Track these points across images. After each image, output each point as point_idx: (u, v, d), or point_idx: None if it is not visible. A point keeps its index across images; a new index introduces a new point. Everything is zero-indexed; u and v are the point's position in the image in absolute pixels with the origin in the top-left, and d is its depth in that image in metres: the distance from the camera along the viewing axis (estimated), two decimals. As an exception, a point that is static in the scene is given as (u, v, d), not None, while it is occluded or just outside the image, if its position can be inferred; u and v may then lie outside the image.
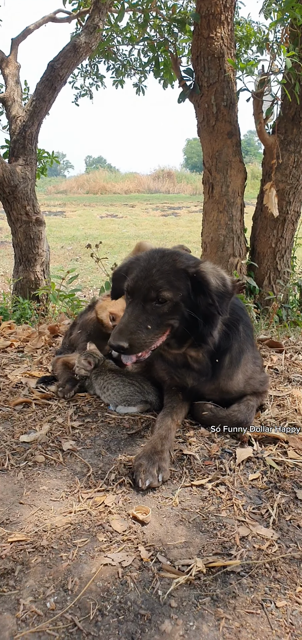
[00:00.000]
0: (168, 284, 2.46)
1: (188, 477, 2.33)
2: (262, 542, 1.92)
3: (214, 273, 2.49)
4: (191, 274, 2.48)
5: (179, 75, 6.03)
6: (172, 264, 2.53)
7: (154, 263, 2.54)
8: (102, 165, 61.84)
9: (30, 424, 2.81)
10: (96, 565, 1.77)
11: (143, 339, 2.44)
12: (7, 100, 7.49)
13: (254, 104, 5.45)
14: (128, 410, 2.94)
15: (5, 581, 1.70)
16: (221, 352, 2.69)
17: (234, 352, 2.73)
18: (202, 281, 2.44)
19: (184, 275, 2.49)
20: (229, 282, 2.52)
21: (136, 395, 2.95)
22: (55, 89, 7.32)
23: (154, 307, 2.47)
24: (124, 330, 2.43)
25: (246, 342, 2.80)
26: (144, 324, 2.45)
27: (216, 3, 5.48)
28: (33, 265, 7.19)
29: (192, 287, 2.48)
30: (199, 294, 2.47)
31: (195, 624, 1.56)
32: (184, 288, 2.48)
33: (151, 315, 2.47)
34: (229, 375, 2.76)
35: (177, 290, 2.47)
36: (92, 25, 7.42)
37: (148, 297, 2.46)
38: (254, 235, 6.22)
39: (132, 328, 2.43)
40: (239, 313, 2.79)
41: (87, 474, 2.33)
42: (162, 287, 2.45)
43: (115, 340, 2.41)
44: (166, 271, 2.50)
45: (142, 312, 2.47)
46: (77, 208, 26.56)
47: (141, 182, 38.55)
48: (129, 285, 2.57)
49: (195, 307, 2.49)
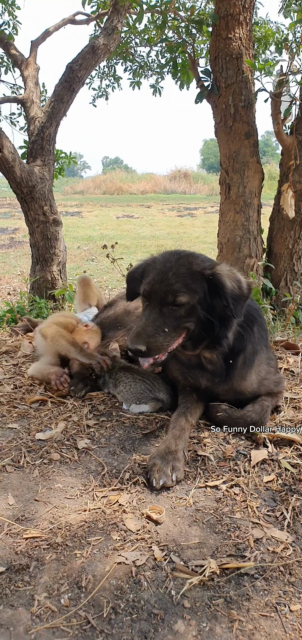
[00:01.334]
0: (185, 287, 2.46)
1: (202, 478, 2.33)
2: (277, 545, 1.91)
3: (230, 275, 2.49)
4: (207, 276, 2.48)
5: (197, 76, 6.02)
6: (188, 266, 2.52)
7: (170, 266, 2.53)
8: (118, 165, 62.04)
9: (46, 422, 2.83)
10: (110, 564, 1.78)
11: (160, 342, 2.45)
12: (26, 101, 7.55)
13: (272, 104, 5.42)
14: (141, 410, 2.95)
15: (21, 577, 1.71)
16: (235, 353, 2.68)
17: (248, 352, 2.72)
18: (218, 283, 2.44)
19: (201, 277, 2.49)
20: (244, 285, 2.51)
21: (147, 392, 2.95)
22: (73, 90, 7.36)
23: (171, 310, 2.47)
24: (141, 334, 2.44)
25: (259, 343, 2.79)
26: (161, 327, 2.46)
27: (234, 4, 5.47)
28: (50, 265, 7.23)
29: (209, 290, 2.48)
30: (215, 296, 2.47)
31: (208, 625, 1.56)
32: (200, 290, 2.48)
33: (167, 318, 2.47)
34: (242, 376, 2.75)
35: (194, 293, 2.47)
36: (111, 27, 7.45)
37: (165, 300, 2.47)
38: (270, 236, 6.19)
39: (150, 331, 2.44)
40: (253, 314, 2.78)
41: (101, 472, 2.34)
42: (179, 290, 2.45)
43: (134, 344, 2.42)
44: (182, 274, 2.49)
45: (159, 316, 2.48)
46: (93, 208, 26.67)
47: (157, 182, 38.58)
48: (145, 289, 2.57)
49: (211, 309, 2.49)
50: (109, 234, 18.29)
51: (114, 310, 3.67)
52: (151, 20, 8.21)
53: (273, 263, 6.06)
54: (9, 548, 1.84)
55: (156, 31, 8.05)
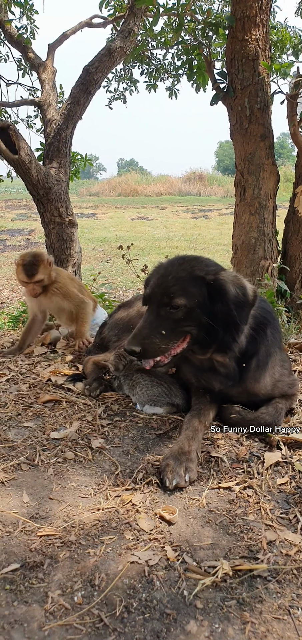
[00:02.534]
0: (182, 290, 2.46)
1: (215, 479, 2.33)
2: (290, 548, 1.90)
3: (235, 282, 2.48)
4: (208, 280, 2.47)
5: (213, 78, 6.02)
6: (190, 270, 2.53)
7: (171, 270, 2.55)
8: (133, 167, 62.16)
9: (61, 421, 2.85)
10: (123, 563, 1.79)
11: (157, 344, 2.47)
12: (43, 104, 7.59)
13: (288, 106, 5.40)
14: (154, 411, 2.96)
15: (35, 574, 1.73)
16: (248, 356, 2.68)
17: (261, 355, 2.72)
18: (220, 289, 2.44)
19: (201, 282, 2.49)
20: (249, 292, 2.50)
21: (163, 396, 2.96)
22: (89, 92, 7.39)
23: (168, 313, 2.48)
24: (137, 335, 2.48)
25: (273, 345, 2.78)
26: (157, 329, 2.47)
27: (251, 5, 5.46)
28: (65, 266, 7.25)
29: (209, 295, 2.47)
30: (217, 302, 2.46)
31: (220, 626, 1.56)
32: (199, 295, 2.47)
33: (165, 320, 2.49)
34: (256, 379, 2.75)
35: (192, 296, 2.46)
36: (127, 29, 7.46)
37: (161, 302, 2.48)
38: (285, 238, 6.16)
39: (145, 333, 2.47)
40: (266, 317, 2.77)
41: (115, 472, 2.36)
42: (175, 293, 2.46)
43: (129, 345, 2.47)
44: (181, 277, 2.50)
45: (156, 318, 2.50)
46: (108, 210, 26.75)
47: (172, 184, 38.60)
48: (147, 292, 2.61)
49: (213, 315, 2.48)
50: (124, 235, 18.33)
51: (128, 312, 3.68)
52: (168, 23, 8.22)
53: (288, 265, 6.03)
54: (23, 545, 1.86)
55: (172, 34, 8.05)
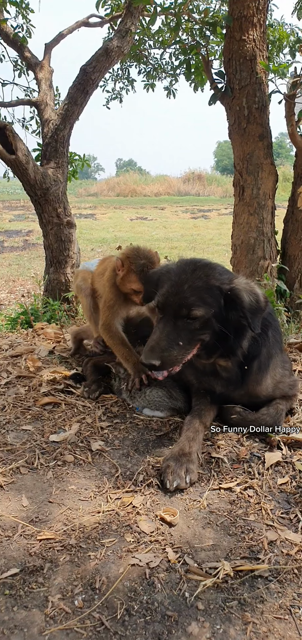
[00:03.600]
0: (200, 300, 2.43)
1: (216, 480, 2.32)
2: (291, 547, 1.90)
3: (247, 289, 2.47)
4: (225, 291, 2.45)
5: (211, 77, 6.01)
6: (205, 279, 2.49)
7: (186, 278, 2.50)
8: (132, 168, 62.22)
9: (60, 423, 2.84)
10: (124, 565, 1.78)
11: (175, 356, 2.44)
12: (40, 104, 7.58)
13: (286, 106, 5.39)
14: (154, 414, 2.95)
15: (35, 578, 1.72)
16: (250, 359, 2.67)
17: (263, 357, 2.71)
18: (236, 298, 2.42)
19: (218, 292, 2.46)
20: (262, 298, 2.49)
21: (164, 400, 2.94)
22: (87, 92, 7.38)
23: (186, 324, 2.45)
24: (155, 348, 2.43)
25: (274, 347, 2.77)
26: (175, 340, 2.44)
27: (248, 5, 5.45)
28: (64, 267, 7.25)
29: (225, 304, 2.46)
30: (232, 309, 2.45)
31: (222, 627, 1.55)
32: (216, 304, 2.45)
33: (182, 331, 2.45)
34: (257, 381, 2.74)
35: (209, 307, 2.44)
36: (125, 29, 7.46)
37: (179, 314, 2.45)
38: (285, 238, 6.16)
39: (164, 345, 2.43)
40: (267, 319, 2.76)
41: (115, 474, 2.35)
42: (194, 304, 2.42)
43: (148, 359, 2.41)
44: (198, 287, 2.46)
45: (173, 329, 2.45)
46: (107, 210, 26.75)
47: (171, 184, 38.63)
48: (160, 300, 2.55)
49: (226, 321, 2.47)
50: (123, 236, 18.32)
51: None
52: (165, 23, 8.22)
53: (287, 265, 6.02)
54: (23, 549, 1.85)
55: (169, 33, 8.05)
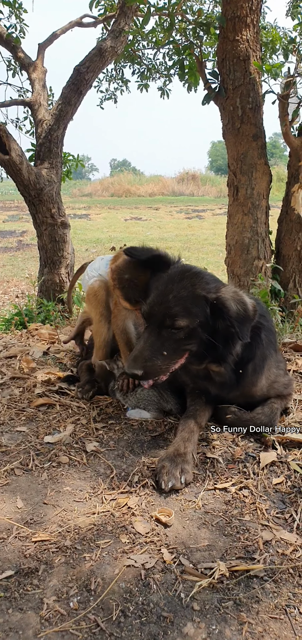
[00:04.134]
0: (184, 310, 2.41)
1: (211, 480, 2.32)
2: (286, 547, 1.90)
3: (235, 298, 2.44)
4: (211, 300, 2.43)
5: (205, 78, 6.01)
6: (191, 289, 2.46)
7: (172, 288, 2.48)
8: (126, 168, 62.19)
9: (55, 424, 2.83)
10: (119, 567, 1.78)
11: (159, 366, 2.43)
12: (34, 104, 7.57)
13: (279, 106, 5.41)
14: (141, 416, 2.93)
15: (30, 580, 1.72)
16: (244, 362, 2.66)
17: (257, 359, 2.69)
18: (222, 307, 2.39)
19: (203, 301, 2.44)
20: (250, 307, 2.46)
21: (153, 400, 2.93)
22: (81, 92, 7.38)
23: (170, 334, 2.43)
24: (138, 358, 2.42)
25: (268, 348, 2.76)
26: (159, 350, 2.42)
27: (241, 6, 5.46)
28: (58, 267, 7.24)
29: (211, 313, 2.43)
30: (219, 319, 2.43)
31: (218, 628, 1.55)
32: (201, 314, 2.43)
33: (166, 341, 2.43)
34: (252, 382, 2.74)
35: (195, 316, 2.42)
36: (118, 29, 7.46)
37: (163, 324, 2.43)
38: (279, 238, 6.17)
39: (147, 355, 2.41)
40: (260, 321, 2.73)
41: (110, 475, 2.35)
42: (178, 314, 2.40)
43: (130, 369, 2.40)
44: (183, 297, 2.44)
45: (157, 339, 2.44)
46: (101, 211, 26.75)
47: (165, 185, 38.65)
48: (146, 310, 2.54)
49: (214, 331, 2.45)
50: (117, 236, 18.31)
51: None
52: (158, 23, 8.22)
53: (281, 265, 6.04)
54: (17, 551, 1.85)
55: (163, 33, 8.05)
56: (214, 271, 3.24)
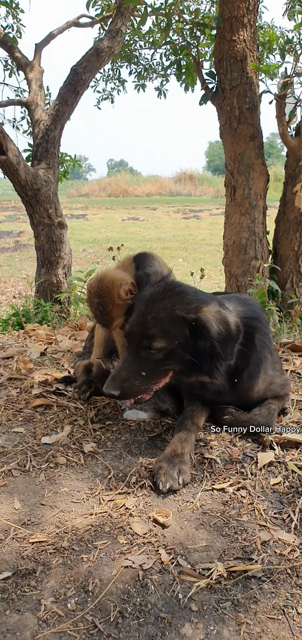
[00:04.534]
0: (162, 332, 2.40)
1: (209, 481, 2.32)
2: (284, 547, 1.90)
3: (217, 318, 2.41)
4: (189, 320, 2.41)
5: (202, 78, 6.02)
6: (170, 310, 2.44)
7: (151, 308, 2.47)
8: (124, 168, 62.17)
9: (52, 425, 2.83)
10: (117, 568, 1.78)
11: (137, 386, 2.44)
12: (31, 104, 7.56)
13: (276, 106, 5.42)
14: (138, 416, 2.93)
15: (27, 581, 1.71)
16: (239, 371, 2.65)
17: (252, 365, 2.67)
18: (202, 328, 2.38)
19: (182, 322, 2.42)
20: (233, 327, 2.44)
21: (150, 400, 2.93)
22: (78, 93, 7.37)
23: (148, 354, 2.43)
24: (116, 378, 2.43)
25: (263, 351, 2.74)
26: (137, 371, 2.43)
27: (238, 6, 5.47)
28: (55, 268, 7.24)
29: (191, 334, 2.41)
30: (200, 339, 2.40)
31: (216, 628, 1.55)
32: (180, 335, 2.41)
33: (145, 361, 2.44)
34: (249, 387, 2.73)
35: (173, 338, 2.41)
36: (115, 29, 7.46)
37: (141, 344, 2.43)
38: (276, 238, 6.18)
39: (125, 376, 2.42)
40: (253, 324, 2.72)
41: (108, 476, 2.34)
42: (155, 336, 2.40)
43: (108, 389, 2.42)
44: (161, 318, 2.43)
45: (135, 359, 2.45)
46: (99, 211, 26.75)
47: (163, 185, 38.69)
48: (127, 329, 2.54)
49: (196, 351, 2.42)
50: (115, 236, 18.32)
51: None
52: (155, 23, 8.22)
53: (279, 265, 6.05)
54: (15, 553, 1.84)
55: (160, 33, 8.05)
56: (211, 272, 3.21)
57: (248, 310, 2.76)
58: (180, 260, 14.47)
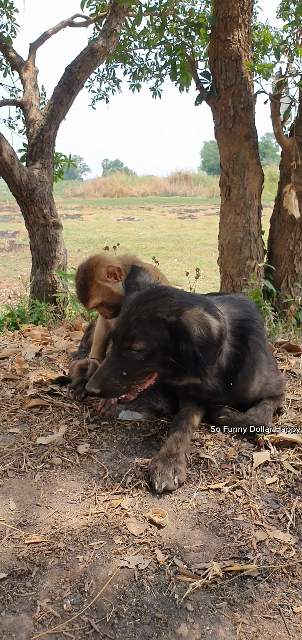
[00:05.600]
0: (142, 334, 2.43)
1: (205, 481, 2.32)
2: (280, 547, 1.90)
3: (199, 321, 2.42)
4: (169, 323, 2.43)
5: (196, 78, 6.03)
6: (152, 311, 2.47)
7: (135, 310, 2.50)
8: (119, 168, 62.12)
9: (47, 426, 2.82)
10: (112, 568, 1.77)
11: (118, 385, 2.47)
12: (25, 104, 7.55)
13: (271, 106, 5.43)
14: (133, 417, 2.93)
15: (23, 582, 1.71)
16: (234, 374, 2.66)
17: (246, 367, 2.69)
18: (182, 332, 2.39)
19: (163, 324, 2.44)
20: (215, 331, 2.45)
21: (143, 399, 2.93)
22: (72, 92, 7.36)
23: (130, 355, 2.46)
24: (98, 376, 2.48)
25: (257, 352, 2.74)
26: (118, 370, 2.46)
27: (233, 6, 5.47)
28: (50, 268, 7.22)
29: (172, 336, 2.43)
30: (181, 342, 2.41)
31: (212, 628, 1.55)
32: (160, 338, 2.44)
33: (126, 362, 2.47)
34: (244, 389, 2.74)
35: (153, 340, 2.43)
36: (110, 29, 7.45)
37: (123, 345, 2.47)
38: (271, 237, 6.19)
39: (106, 375, 2.47)
40: (245, 326, 2.73)
41: (103, 476, 2.34)
42: (135, 337, 2.43)
43: (89, 386, 2.48)
44: (142, 320, 2.46)
45: (117, 359, 2.49)
46: (94, 211, 26.72)
47: (158, 185, 38.68)
48: (112, 329, 2.60)
49: (178, 354, 2.44)
50: (110, 236, 18.31)
51: None
52: (150, 23, 8.22)
53: (274, 265, 6.06)
54: (10, 554, 1.84)
55: (155, 33, 8.06)
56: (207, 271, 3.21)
57: (242, 312, 2.76)
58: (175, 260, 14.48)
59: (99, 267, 2.99)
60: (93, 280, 2.96)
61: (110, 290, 2.98)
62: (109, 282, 2.99)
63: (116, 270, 3.01)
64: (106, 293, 2.98)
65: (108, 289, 2.98)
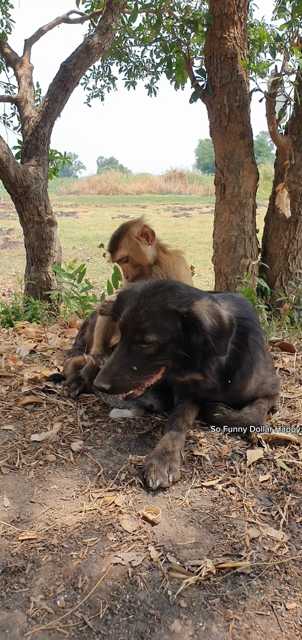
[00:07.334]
0: (154, 326, 2.39)
1: (198, 478, 2.33)
2: (273, 544, 1.91)
3: (210, 311, 2.41)
4: (181, 314, 2.40)
5: (192, 75, 6.03)
6: (163, 303, 2.44)
7: (144, 302, 2.46)
8: (113, 166, 61.95)
9: (42, 423, 2.82)
10: (106, 565, 1.78)
11: (128, 380, 2.41)
12: (20, 101, 7.53)
13: (266, 104, 5.44)
14: (123, 415, 2.92)
15: (16, 579, 1.71)
16: (232, 372, 2.65)
17: (245, 366, 2.68)
18: (194, 322, 2.37)
19: (174, 315, 2.41)
20: (226, 320, 2.43)
21: None
22: (67, 89, 7.36)
23: (140, 348, 2.42)
24: (107, 372, 2.41)
25: (255, 352, 2.75)
26: (128, 365, 2.41)
27: (229, 3, 5.48)
28: (45, 265, 7.22)
29: (184, 328, 2.41)
30: (193, 334, 2.40)
31: (204, 625, 1.55)
32: (172, 329, 2.41)
33: (137, 356, 2.42)
34: (241, 388, 2.74)
35: (165, 332, 2.40)
36: (105, 26, 7.45)
37: (133, 339, 2.42)
38: (266, 236, 6.21)
39: (116, 370, 2.41)
40: (245, 325, 2.72)
41: (97, 473, 2.34)
42: (147, 330, 2.38)
43: (98, 382, 2.40)
44: (153, 312, 2.42)
45: (127, 353, 2.43)
46: (88, 209, 26.68)
47: (153, 183, 38.63)
48: (120, 322, 2.53)
49: (189, 346, 2.42)
50: (105, 234, 18.28)
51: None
52: (146, 20, 8.21)
53: (268, 263, 6.07)
54: (4, 550, 1.84)
55: (150, 30, 8.05)
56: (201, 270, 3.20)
57: (241, 311, 2.76)
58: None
59: (136, 225, 3.22)
60: (126, 234, 3.19)
61: (139, 248, 3.18)
62: (140, 241, 3.19)
63: (150, 233, 3.21)
64: (134, 249, 3.18)
65: (137, 245, 3.18)
